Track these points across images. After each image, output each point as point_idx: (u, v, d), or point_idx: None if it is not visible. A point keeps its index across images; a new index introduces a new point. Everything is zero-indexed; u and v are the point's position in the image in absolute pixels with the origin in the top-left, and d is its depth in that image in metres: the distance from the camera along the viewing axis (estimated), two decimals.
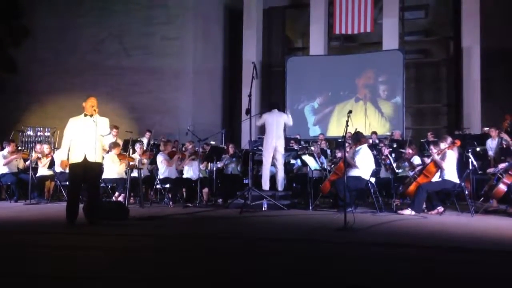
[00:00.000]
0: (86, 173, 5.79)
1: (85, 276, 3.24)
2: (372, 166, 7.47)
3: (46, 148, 9.66)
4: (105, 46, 15.14)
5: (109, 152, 8.79)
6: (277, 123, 8.17)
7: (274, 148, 8.12)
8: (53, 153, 9.48)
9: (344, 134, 5.98)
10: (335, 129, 14.08)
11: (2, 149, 9.84)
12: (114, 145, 8.87)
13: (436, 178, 7.11)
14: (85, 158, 5.73)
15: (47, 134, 13.72)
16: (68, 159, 5.91)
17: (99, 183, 6.51)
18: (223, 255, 4.09)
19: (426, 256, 4.01)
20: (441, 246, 4.38)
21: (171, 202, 8.52)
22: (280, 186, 8.17)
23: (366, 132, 11.37)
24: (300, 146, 10.60)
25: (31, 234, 5.27)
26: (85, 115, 5.90)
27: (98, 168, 5.99)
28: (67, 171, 6.31)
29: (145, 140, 10.51)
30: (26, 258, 3.86)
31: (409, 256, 4.04)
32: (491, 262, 3.83)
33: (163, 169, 8.70)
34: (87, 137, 5.78)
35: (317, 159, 8.59)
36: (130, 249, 4.36)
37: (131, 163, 8.71)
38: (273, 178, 8.31)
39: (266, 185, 8.10)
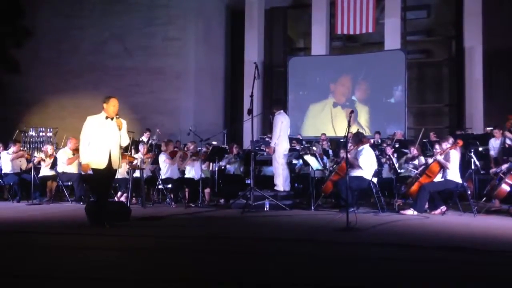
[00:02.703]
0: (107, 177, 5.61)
1: (85, 277, 3.24)
2: (374, 166, 7.45)
3: (49, 149, 9.68)
4: (107, 46, 15.16)
5: None
6: (288, 125, 8.26)
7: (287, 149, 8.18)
8: (56, 153, 9.50)
9: (346, 134, 5.98)
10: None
11: (6, 148, 9.86)
12: None
13: (438, 178, 7.09)
14: (109, 165, 5.52)
15: (49, 134, 13.74)
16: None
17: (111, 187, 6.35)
18: (224, 255, 4.09)
19: (428, 256, 4.01)
20: (444, 246, 4.37)
21: (173, 202, 8.53)
22: (286, 186, 8.17)
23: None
24: (301, 146, 10.59)
25: (32, 234, 5.28)
26: (107, 117, 5.59)
27: (116, 173, 5.85)
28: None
29: (144, 139, 10.52)
30: (27, 258, 3.86)
31: (411, 256, 4.03)
32: (494, 262, 3.82)
33: (165, 169, 8.71)
34: (110, 142, 5.54)
35: (319, 159, 8.58)
36: (132, 249, 4.36)
37: (132, 162, 8.71)
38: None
39: (288, 185, 8.13)
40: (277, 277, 3.26)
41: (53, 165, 9.24)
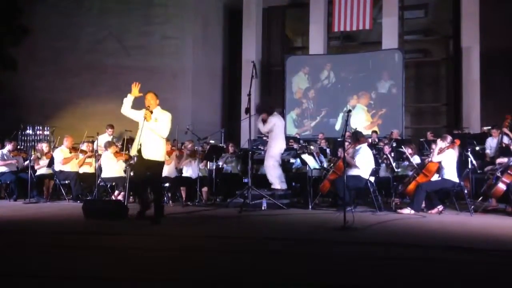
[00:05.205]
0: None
1: (85, 276, 3.24)
2: (372, 165, 7.46)
3: (45, 146, 9.65)
4: (105, 45, 15.12)
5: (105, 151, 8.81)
6: (283, 126, 8.23)
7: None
8: (52, 152, 9.48)
9: (344, 133, 5.99)
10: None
11: (3, 147, 9.84)
12: (109, 144, 8.88)
13: (435, 177, 7.11)
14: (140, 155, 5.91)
15: (46, 133, 13.72)
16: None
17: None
18: (222, 254, 4.09)
19: (425, 255, 4.02)
20: (440, 245, 4.38)
21: (170, 201, 8.52)
22: (283, 184, 8.17)
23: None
24: (299, 145, 10.59)
25: (30, 233, 5.27)
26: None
27: (153, 165, 6.03)
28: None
29: None
30: (25, 258, 3.86)
31: (408, 255, 4.04)
32: (490, 261, 3.83)
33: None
34: (142, 132, 6.06)
35: (316, 158, 8.58)
36: (130, 248, 4.36)
37: (130, 161, 8.70)
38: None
39: (284, 184, 8.15)
40: (274, 276, 3.27)
41: (50, 164, 9.22)
